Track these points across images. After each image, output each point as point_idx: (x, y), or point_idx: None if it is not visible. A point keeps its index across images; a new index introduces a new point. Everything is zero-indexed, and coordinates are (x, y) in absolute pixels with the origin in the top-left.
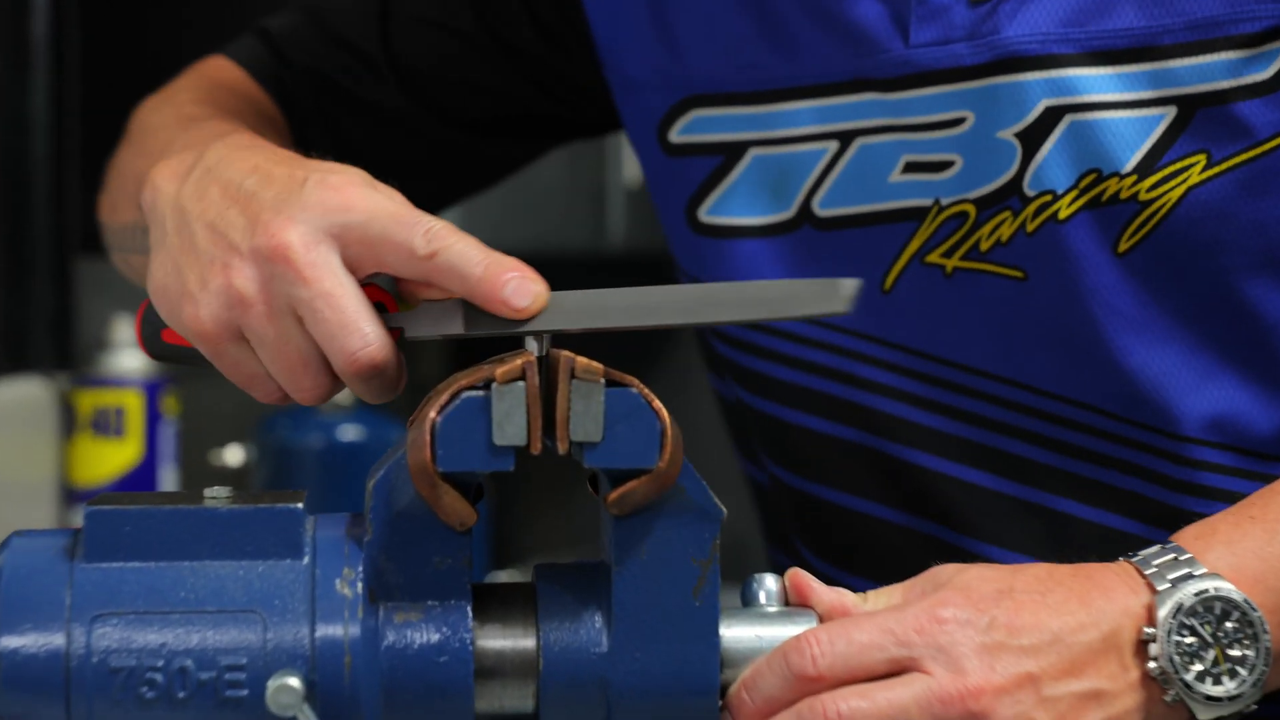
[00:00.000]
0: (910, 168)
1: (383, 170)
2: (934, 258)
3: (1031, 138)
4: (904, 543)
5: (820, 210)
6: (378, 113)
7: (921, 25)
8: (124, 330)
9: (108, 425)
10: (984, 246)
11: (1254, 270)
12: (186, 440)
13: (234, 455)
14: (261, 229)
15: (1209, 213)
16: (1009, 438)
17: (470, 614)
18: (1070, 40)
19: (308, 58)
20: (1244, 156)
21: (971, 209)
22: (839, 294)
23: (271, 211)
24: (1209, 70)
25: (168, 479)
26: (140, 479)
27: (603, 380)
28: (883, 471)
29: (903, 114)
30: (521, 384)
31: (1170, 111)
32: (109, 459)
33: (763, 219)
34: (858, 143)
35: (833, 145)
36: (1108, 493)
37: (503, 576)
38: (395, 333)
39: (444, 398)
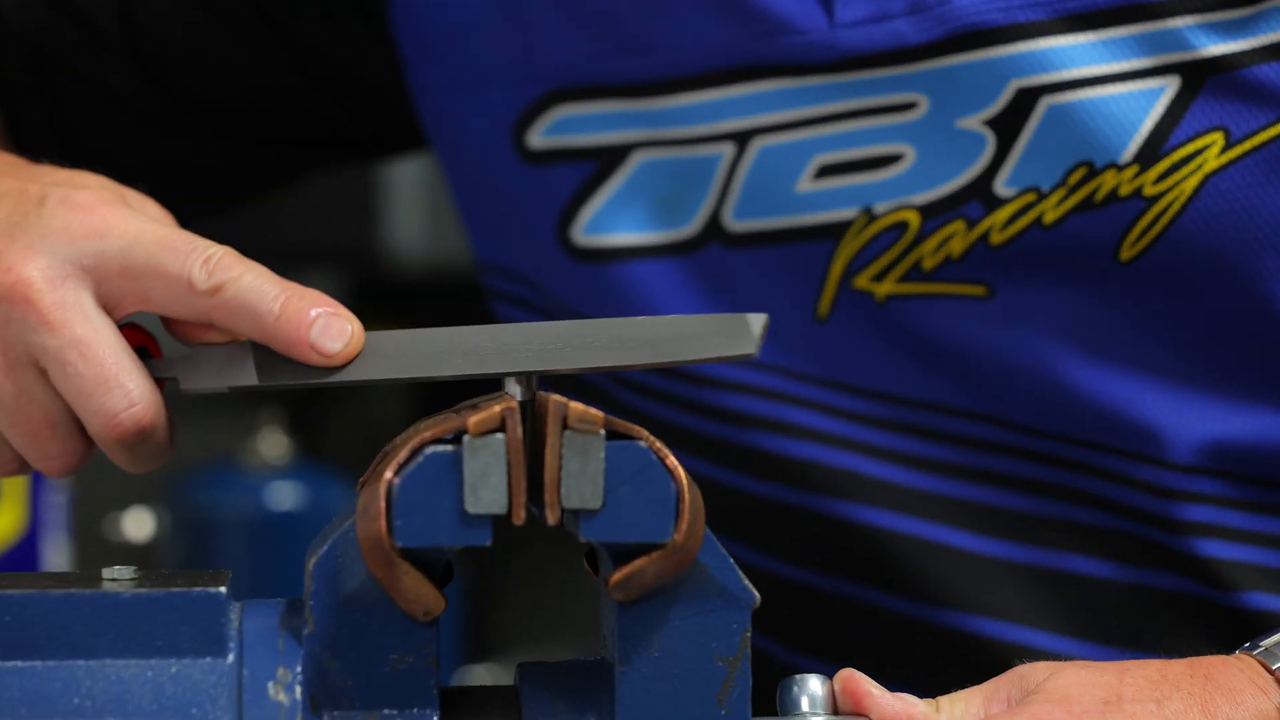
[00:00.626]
0: (828, 171)
1: (111, 170)
2: (862, 282)
3: (1005, 127)
4: (861, 619)
5: (734, 224)
6: (108, 96)
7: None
8: None
9: None
10: (927, 264)
11: None
12: (80, 506)
13: (139, 525)
14: None
15: (1233, 205)
16: (984, 485)
17: None
18: (1039, 4)
19: (27, 22)
20: (1271, 133)
21: (914, 218)
22: (746, 332)
23: (5, 240)
24: (1217, 30)
25: (56, 554)
26: (21, 555)
27: (603, 432)
28: (828, 536)
29: (822, 101)
30: (500, 436)
31: (1173, 83)
32: None
33: (657, 236)
34: (756, 144)
35: (728, 148)
36: (1113, 542)
37: (479, 674)
38: (162, 384)
39: (403, 454)
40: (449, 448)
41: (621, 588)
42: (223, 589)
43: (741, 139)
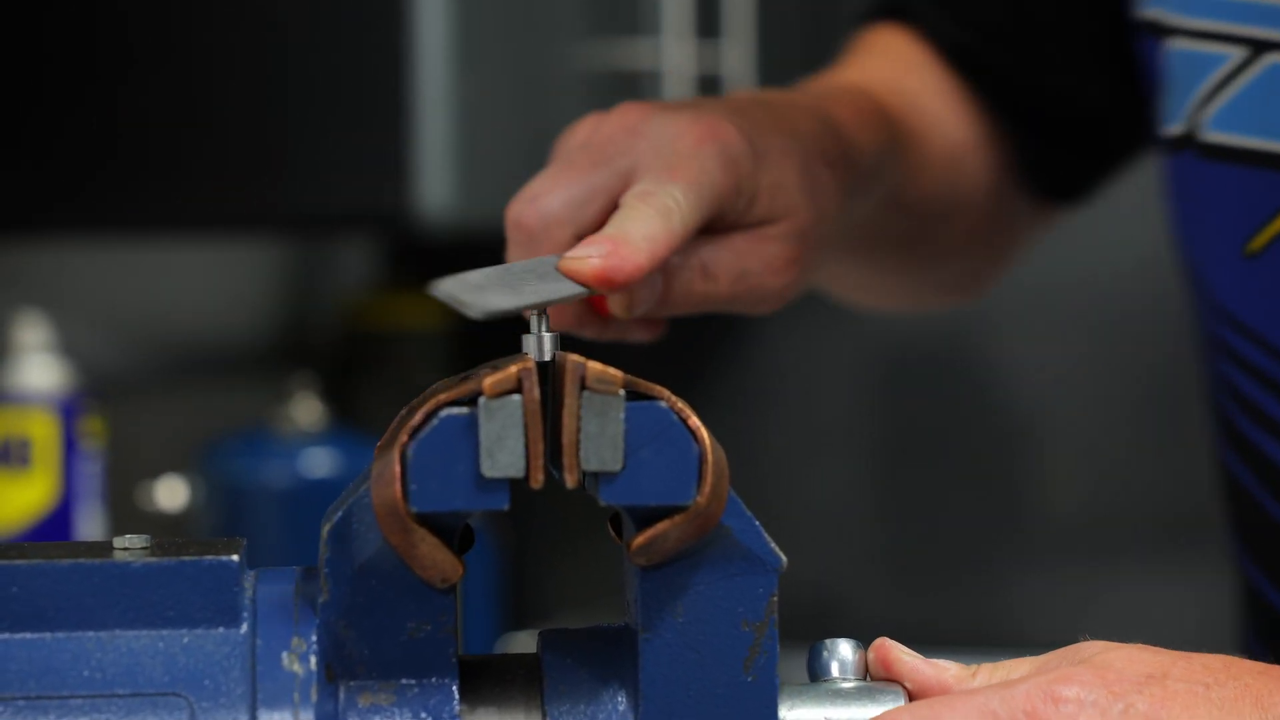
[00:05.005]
0: None
1: None
2: None
3: None
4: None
5: (1208, 133)
6: None
7: None
8: (32, 332)
9: (10, 455)
10: None
11: None
12: (113, 475)
13: (172, 494)
14: None
15: None
16: None
17: (457, 695)
18: None
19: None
20: None
21: None
22: None
23: None
24: None
25: (89, 524)
26: (54, 526)
27: (622, 392)
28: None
29: None
30: (517, 398)
31: None
32: (12, 499)
33: (1164, 130)
34: (1267, 59)
35: (1236, 53)
36: None
37: (522, 641)
38: None
39: (418, 417)
40: (465, 410)
41: (643, 552)
42: (235, 557)
43: (1257, 47)
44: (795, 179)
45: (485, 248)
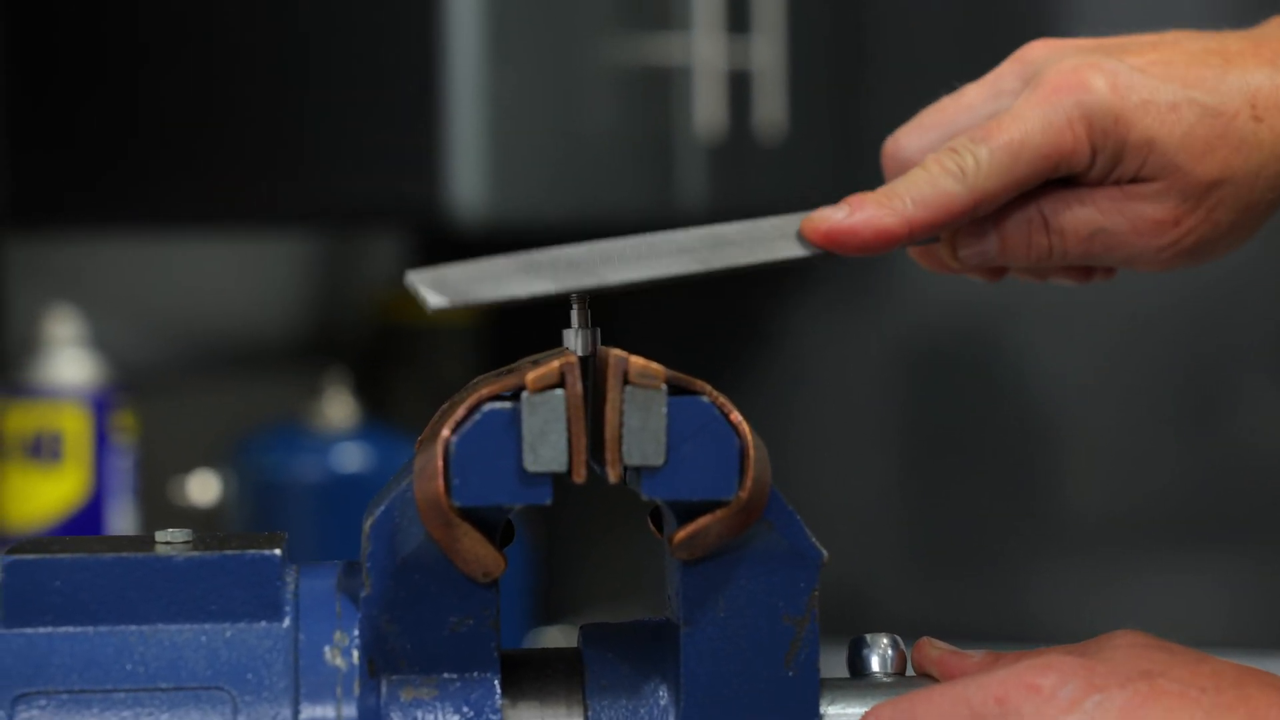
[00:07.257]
0: None
1: None
2: None
3: None
4: None
5: None
6: None
7: None
8: (64, 326)
9: (41, 450)
10: None
11: None
12: (145, 469)
13: (204, 488)
14: None
15: None
16: None
17: (498, 689)
18: None
19: None
20: None
21: None
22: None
23: None
24: None
25: (121, 519)
26: (86, 520)
27: (664, 386)
28: None
29: None
30: (560, 392)
31: None
32: (44, 494)
33: None
34: None
35: None
36: None
37: (552, 636)
38: None
39: (461, 412)
40: (507, 405)
41: (685, 547)
42: (277, 551)
43: None
44: (1178, 135)
45: (516, 242)
